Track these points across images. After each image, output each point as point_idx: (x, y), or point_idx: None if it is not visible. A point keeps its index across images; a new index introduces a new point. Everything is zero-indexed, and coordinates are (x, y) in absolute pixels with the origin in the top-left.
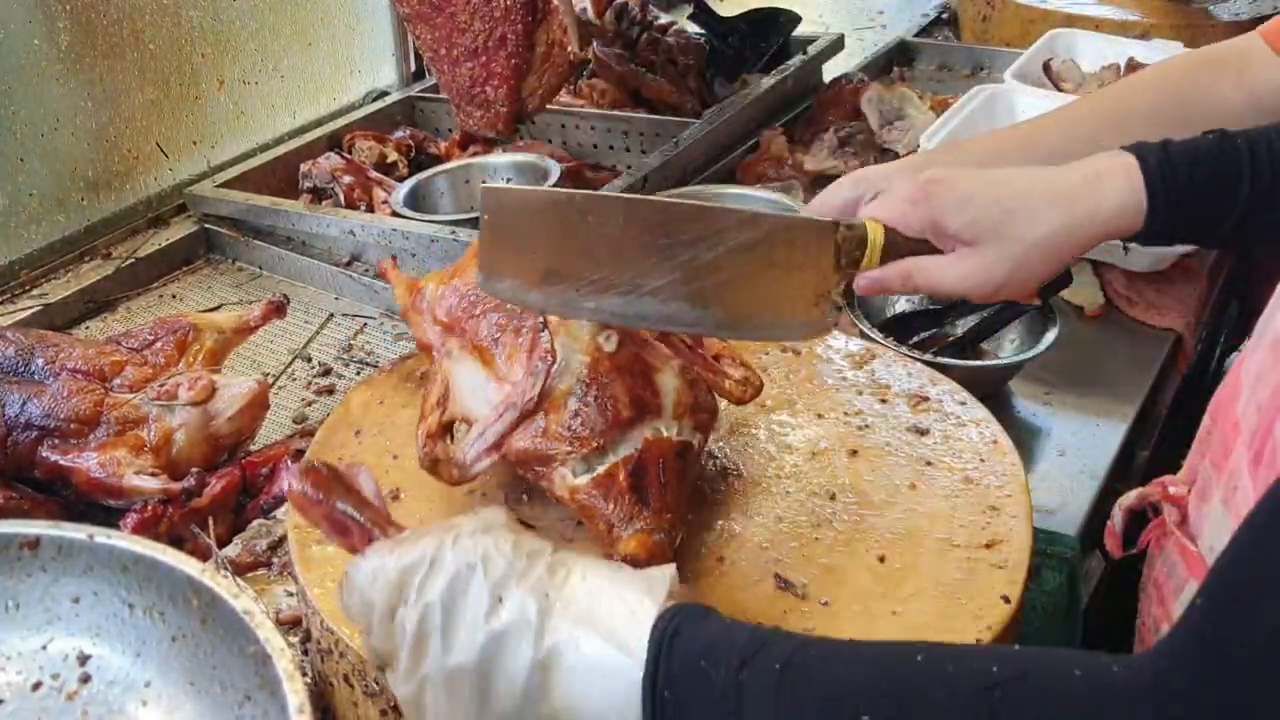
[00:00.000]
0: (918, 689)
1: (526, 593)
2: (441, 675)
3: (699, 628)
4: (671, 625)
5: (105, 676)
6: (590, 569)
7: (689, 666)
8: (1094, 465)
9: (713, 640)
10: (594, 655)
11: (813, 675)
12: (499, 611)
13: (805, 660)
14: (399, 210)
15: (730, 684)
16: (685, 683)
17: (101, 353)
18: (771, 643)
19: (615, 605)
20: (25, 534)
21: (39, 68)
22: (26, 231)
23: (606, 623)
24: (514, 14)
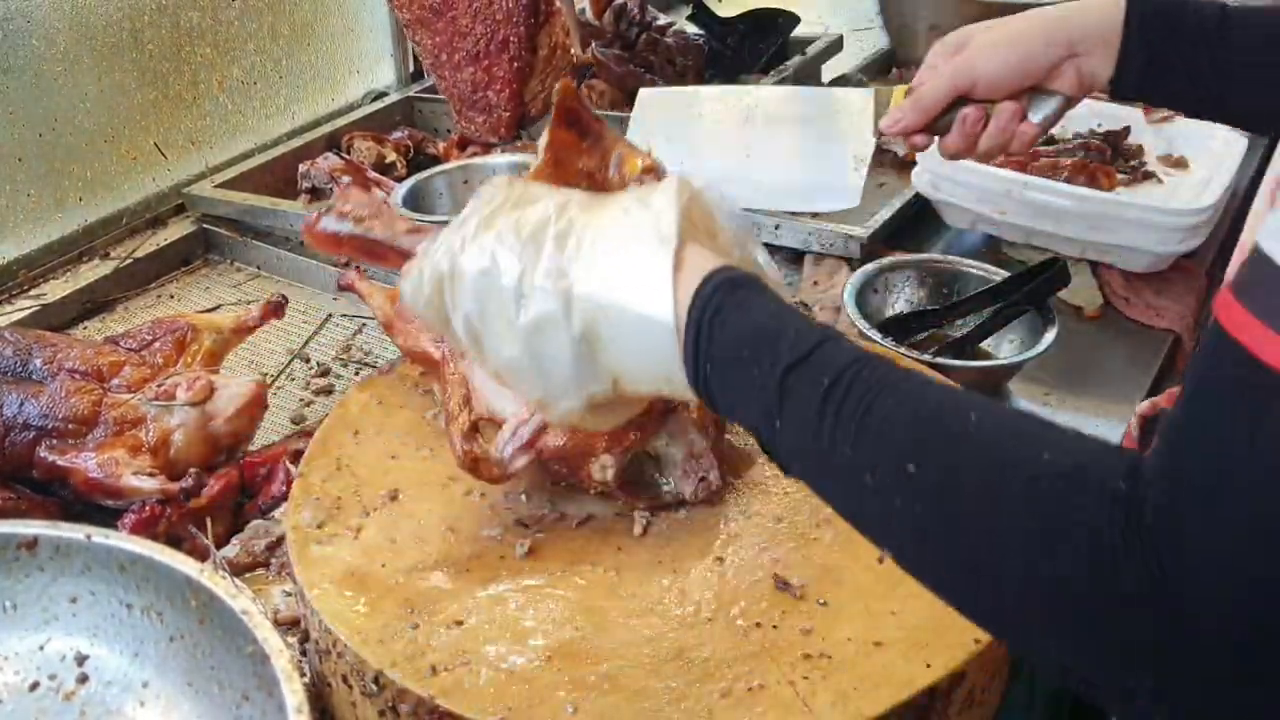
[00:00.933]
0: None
1: (543, 282)
2: (505, 367)
3: (736, 313)
4: (708, 305)
5: (103, 677)
6: (597, 225)
7: (727, 357)
8: None
9: (753, 331)
10: (623, 316)
11: (857, 407)
12: (525, 307)
13: (862, 384)
14: (398, 210)
15: (774, 385)
16: (725, 371)
17: (100, 353)
18: (815, 352)
19: (629, 261)
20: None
21: (37, 68)
22: (24, 231)
23: (626, 283)
24: (516, 17)
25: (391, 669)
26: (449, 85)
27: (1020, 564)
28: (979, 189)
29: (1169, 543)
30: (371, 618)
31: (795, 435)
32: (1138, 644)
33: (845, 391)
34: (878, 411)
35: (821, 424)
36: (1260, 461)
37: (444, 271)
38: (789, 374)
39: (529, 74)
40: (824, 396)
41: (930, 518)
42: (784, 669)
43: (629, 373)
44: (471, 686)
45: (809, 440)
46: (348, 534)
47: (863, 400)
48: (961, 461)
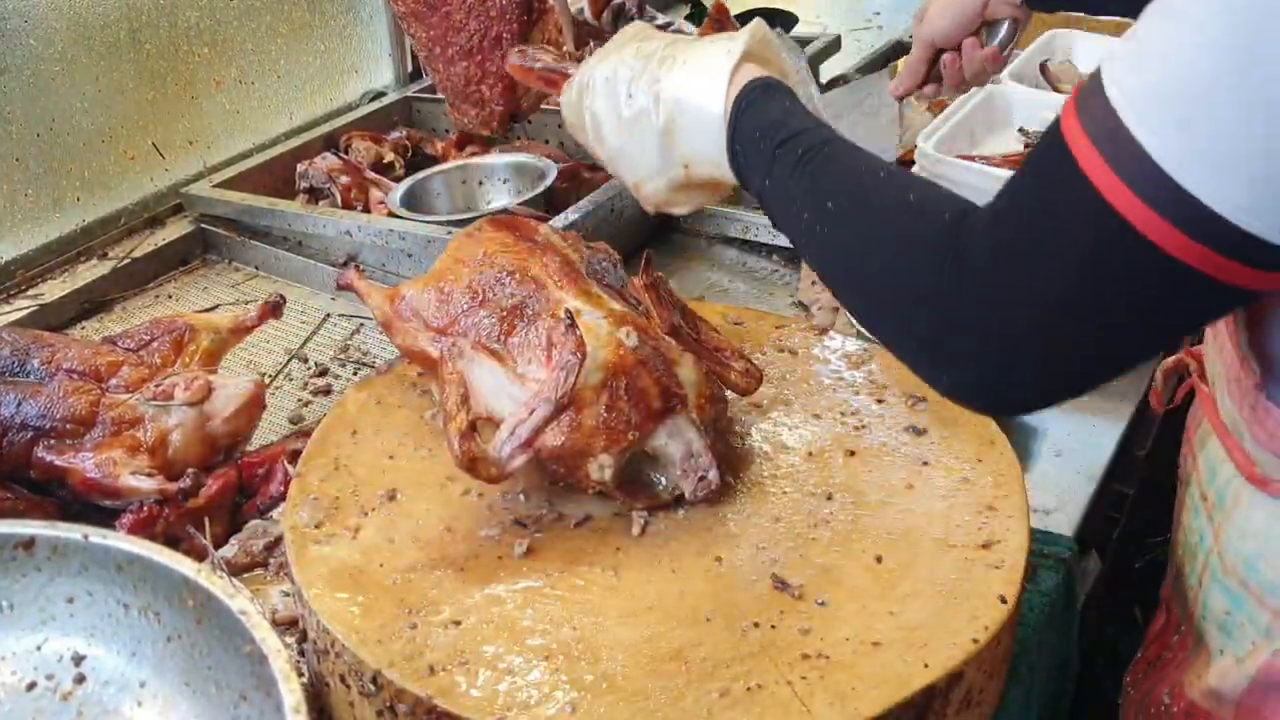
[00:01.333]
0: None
1: (644, 87)
2: (611, 151)
3: (763, 107)
4: (745, 100)
5: (100, 677)
6: (690, 51)
7: (749, 137)
8: (1091, 466)
9: (769, 121)
10: (691, 115)
11: (818, 166)
12: (630, 105)
13: (819, 153)
14: (395, 210)
15: (769, 155)
16: (746, 148)
17: (98, 353)
18: (804, 133)
19: (702, 77)
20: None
21: (35, 67)
22: (22, 231)
23: (695, 88)
24: (509, 13)
25: (389, 669)
26: (442, 78)
27: (880, 260)
28: (973, 187)
29: (976, 264)
30: (369, 618)
31: (776, 190)
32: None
33: (810, 157)
34: (824, 169)
35: (789, 178)
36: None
37: (584, 81)
38: (780, 146)
39: None
40: (796, 162)
41: (835, 235)
42: (782, 669)
43: (694, 157)
44: (469, 686)
45: (781, 192)
46: (346, 534)
47: (817, 162)
48: (862, 196)
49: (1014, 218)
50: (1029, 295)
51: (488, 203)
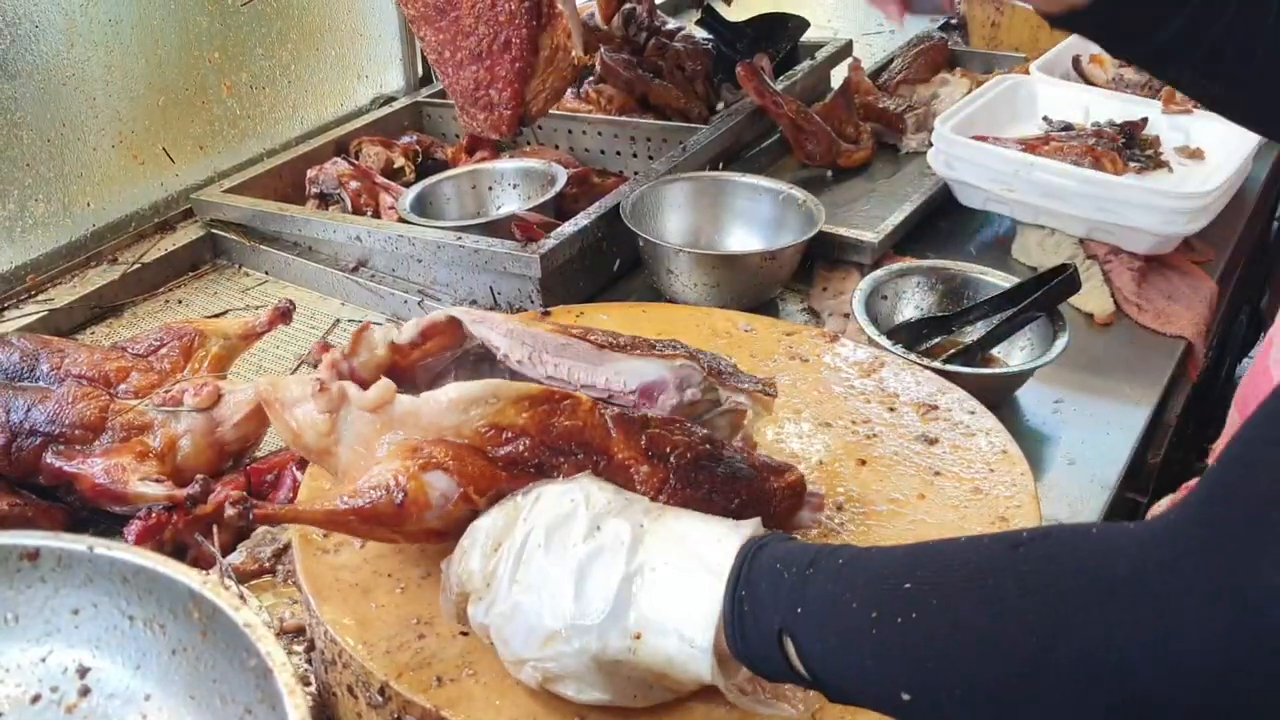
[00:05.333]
0: (954, 556)
1: (622, 521)
2: (542, 581)
3: (781, 545)
4: (757, 544)
5: (105, 689)
6: (682, 514)
7: (766, 570)
8: (1104, 474)
9: (790, 551)
10: (680, 572)
11: (870, 561)
12: (595, 536)
13: (866, 554)
14: (405, 216)
15: (798, 579)
16: (760, 582)
17: (107, 358)
18: (840, 549)
19: (704, 535)
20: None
21: (47, 73)
22: (33, 236)
23: (695, 548)
24: (519, 18)
25: (397, 680)
26: (452, 82)
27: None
28: (991, 169)
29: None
30: (377, 628)
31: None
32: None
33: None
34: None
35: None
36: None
37: (532, 494)
38: (812, 566)
39: (530, 74)
40: (840, 567)
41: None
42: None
43: (659, 623)
44: (477, 698)
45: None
46: (354, 543)
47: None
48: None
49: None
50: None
51: (497, 208)
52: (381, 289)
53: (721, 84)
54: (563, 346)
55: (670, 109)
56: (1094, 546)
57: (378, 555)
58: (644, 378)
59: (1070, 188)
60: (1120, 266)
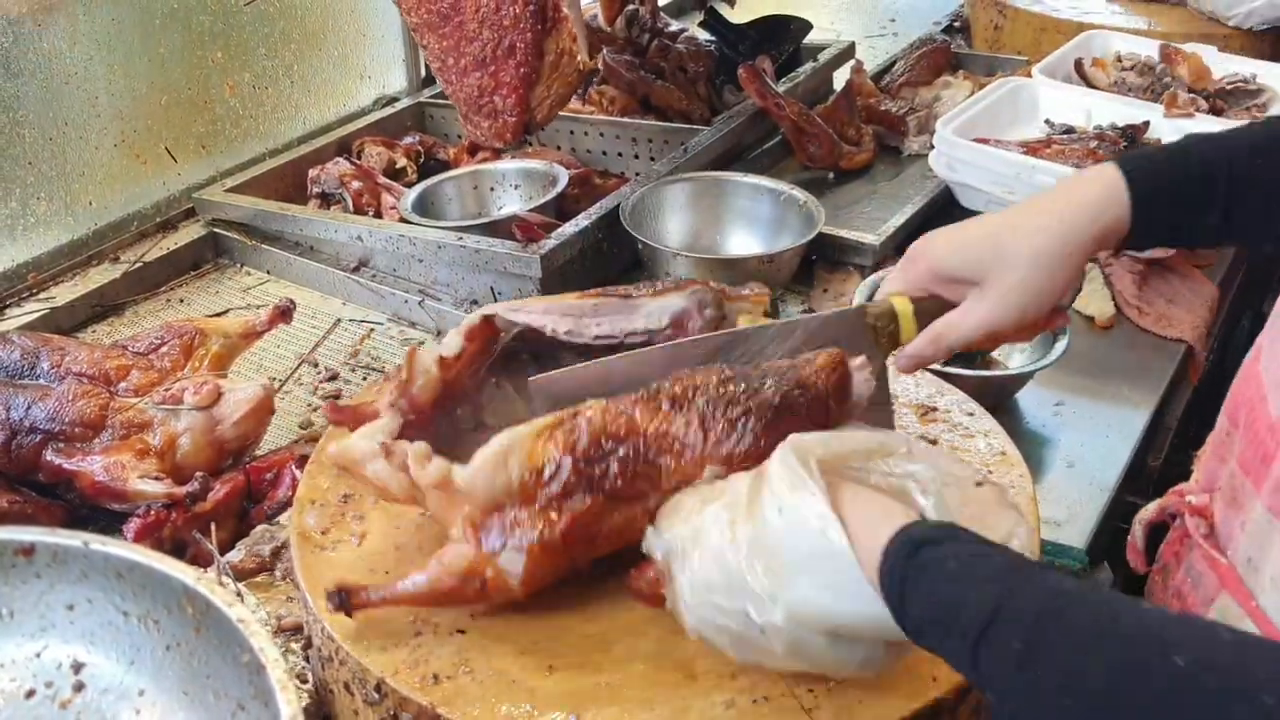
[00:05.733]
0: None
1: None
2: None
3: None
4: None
5: (99, 685)
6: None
7: (924, 625)
8: (1103, 477)
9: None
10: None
11: (1056, 661)
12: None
13: (1049, 640)
14: (407, 216)
15: (966, 654)
16: (922, 636)
17: (107, 356)
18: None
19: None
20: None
21: (49, 71)
22: (34, 234)
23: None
24: (523, 22)
25: (393, 677)
26: (455, 89)
27: None
28: (992, 171)
29: None
30: (374, 625)
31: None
32: None
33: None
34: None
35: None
36: None
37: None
38: (981, 641)
39: (535, 80)
40: (1019, 659)
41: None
42: (789, 682)
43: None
44: (473, 695)
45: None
46: (352, 540)
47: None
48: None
49: None
50: None
51: (499, 208)
52: (383, 289)
53: (724, 86)
54: (596, 307)
55: (672, 110)
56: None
57: (375, 554)
58: (672, 311)
59: None
60: (1121, 269)
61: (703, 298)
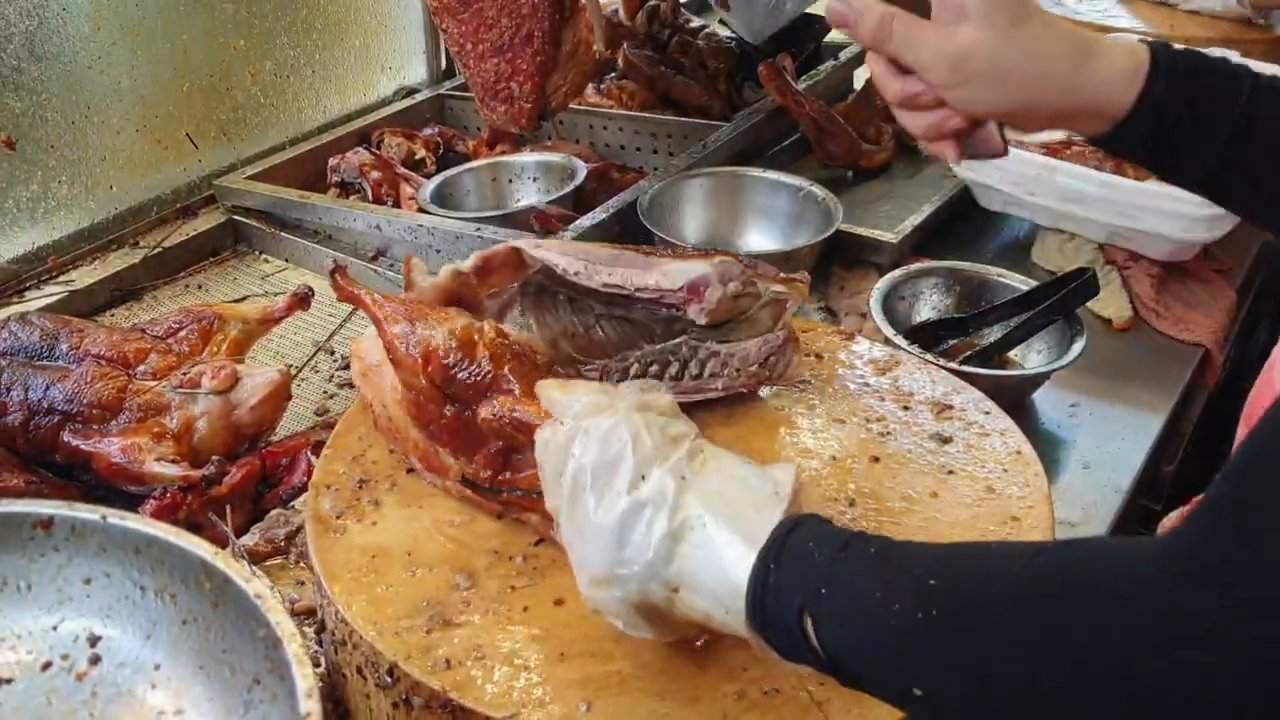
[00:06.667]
0: (982, 559)
1: (666, 472)
2: (589, 528)
3: (819, 526)
4: (794, 520)
5: (115, 658)
6: (724, 460)
7: (798, 548)
8: (1118, 479)
9: (826, 533)
10: (717, 537)
11: (899, 555)
12: (640, 485)
13: (898, 547)
14: (426, 206)
15: (828, 560)
16: (791, 558)
17: (126, 339)
18: (873, 538)
19: (744, 498)
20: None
21: (73, 55)
22: (55, 218)
23: (734, 511)
24: (541, 11)
25: (406, 661)
26: (472, 74)
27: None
28: (1011, 172)
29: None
30: (388, 609)
31: (841, 594)
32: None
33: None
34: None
35: (867, 571)
36: None
37: (583, 428)
38: (845, 549)
39: (552, 68)
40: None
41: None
42: (800, 675)
43: (695, 583)
44: (485, 681)
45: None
46: (367, 525)
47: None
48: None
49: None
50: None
51: (517, 201)
52: (400, 278)
53: (744, 83)
54: (614, 257)
55: (692, 106)
56: (1109, 556)
57: (390, 538)
58: (689, 275)
59: (1091, 192)
60: (1139, 272)
61: (728, 269)
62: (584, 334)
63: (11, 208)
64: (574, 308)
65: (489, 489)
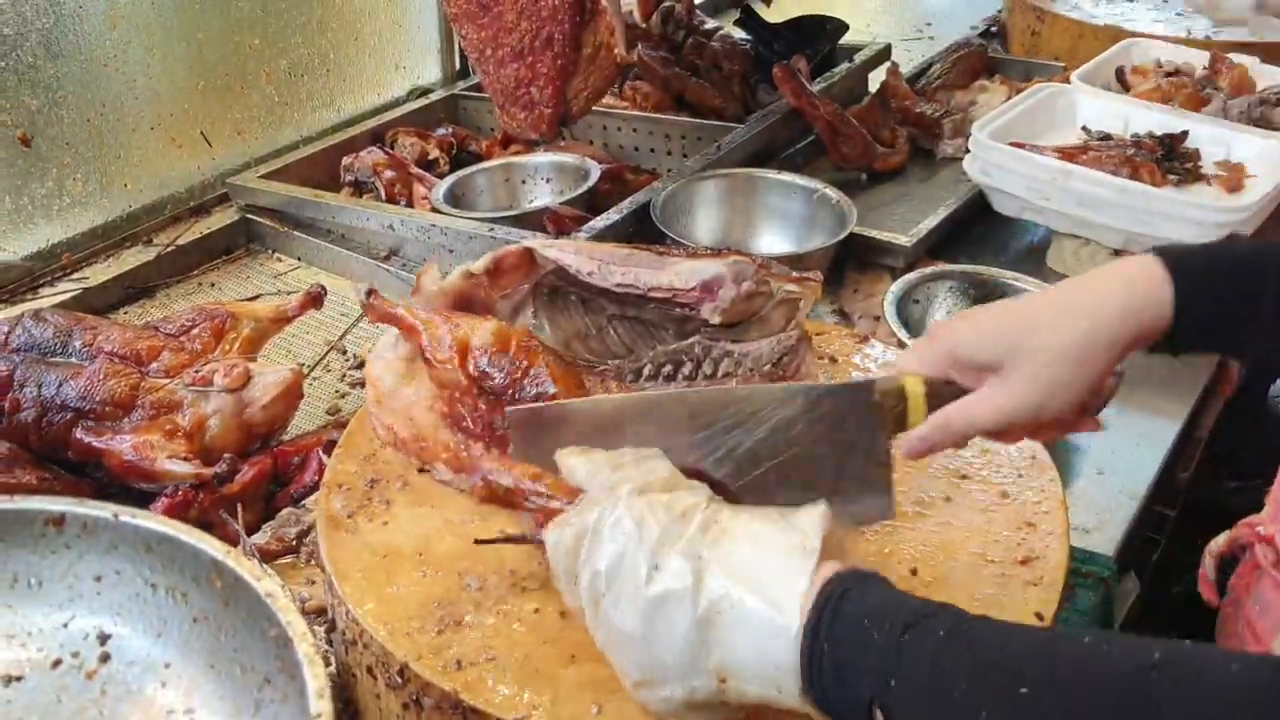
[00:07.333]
0: (1077, 662)
1: (681, 556)
2: (614, 633)
3: (866, 592)
4: (839, 589)
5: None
6: (743, 524)
7: (853, 626)
8: (1133, 486)
9: (880, 605)
10: (751, 612)
11: (975, 642)
12: (656, 578)
13: (970, 630)
14: (439, 206)
15: (891, 646)
16: (847, 641)
17: (139, 337)
18: (937, 614)
19: (769, 562)
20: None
21: (89, 53)
22: (70, 215)
23: (761, 580)
24: (561, 14)
25: (417, 662)
26: (492, 80)
27: None
28: (1027, 176)
29: None
30: (399, 610)
31: (913, 688)
32: None
33: (960, 634)
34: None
35: (938, 661)
36: None
37: (589, 526)
38: (907, 632)
39: (572, 72)
40: (941, 643)
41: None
42: None
43: (740, 669)
44: (496, 683)
45: (926, 686)
46: (378, 525)
47: (978, 636)
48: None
49: None
50: None
51: (530, 201)
52: (413, 278)
53: (758, 85)
54: (627, 257)
55: (706, 108)
56: (1231, 681)
57: (401, 538)
58: (703, 275)
59: (1107, 198)
60: None
61: (741, 269)
62: (596, 335)
63: (27, 204)
64: (586, 308)
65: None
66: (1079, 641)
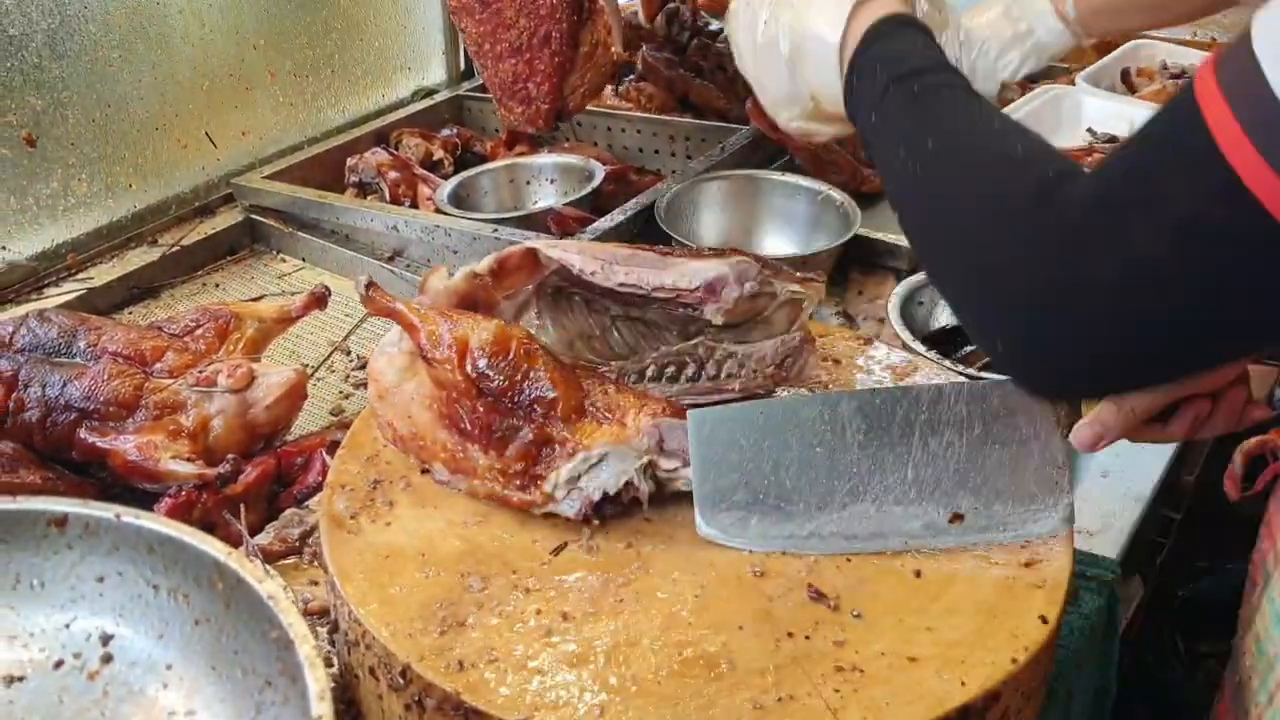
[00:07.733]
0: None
1: (774, 14)
2: (752, 78)
3: (891, 41)
4: (875, 33)
5: (127, 657)
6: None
7: (868, 69)
8: (1138, 488)
9: (893, 54)
10: (812, 46)
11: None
12: (764, 31)
13: (937, 93)
14: (443, 207)
15: (883, 87)
16: (862, 79)
17: (143, 337)
18: (926, 71)
19: (828, 6)
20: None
21: (94, 53)
22: (74, 215)
23: (819, 21)
24: (559, 12)
25: (420, 663)
26: (490, 74)
27: (966, 206)
28: None
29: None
30: (401, 610)
31: (881, 125)
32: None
33: (925, 94)
34: (935, 108)
35: (899, 114)
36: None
37: (734, 7)
38: (897, 81)
39: (569, 69)
40: (910, 98)
41: (928, 176)
42: (815, 681)
43: (820, 90)
44: (498, 684)
45: (887, 128)
46: (381, 526)
47: (930, 99)
48: (967, 142)
49: (1119, 175)
50: (1114, 254)
51: (534, 202)
52: (417, 279)
53: None
54: (630, 256)
55: (710, 109)
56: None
57: (405, 539)
58: (706, 275)
59: None
60: None
61: (745, 269)
62: (600, 335)
63: (31, 205)
64: (590, 309)
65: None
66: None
